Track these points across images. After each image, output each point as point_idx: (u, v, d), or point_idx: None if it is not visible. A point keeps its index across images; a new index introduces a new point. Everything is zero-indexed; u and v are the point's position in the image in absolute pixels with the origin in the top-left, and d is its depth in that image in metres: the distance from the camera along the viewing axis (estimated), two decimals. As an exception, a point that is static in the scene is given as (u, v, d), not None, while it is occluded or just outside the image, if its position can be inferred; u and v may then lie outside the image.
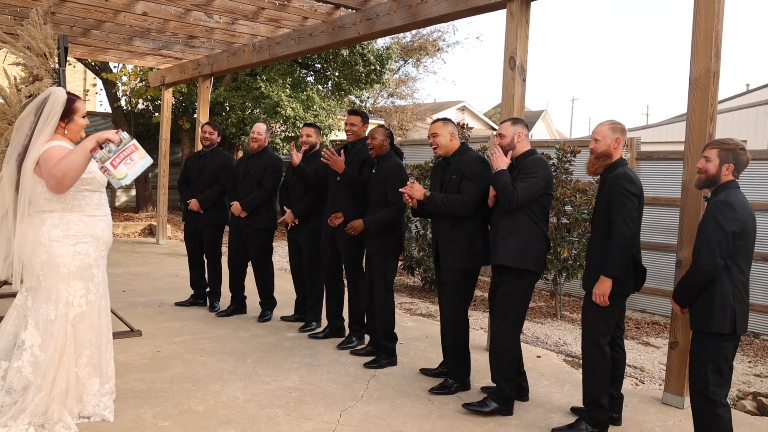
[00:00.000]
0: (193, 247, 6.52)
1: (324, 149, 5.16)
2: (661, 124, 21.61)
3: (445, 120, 4.50)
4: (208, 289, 6.57)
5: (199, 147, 10.26)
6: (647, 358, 5.73)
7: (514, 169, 4.00)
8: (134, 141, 3.56)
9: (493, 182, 4.02)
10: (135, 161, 3.52)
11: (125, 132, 3.54)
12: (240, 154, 14.26)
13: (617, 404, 3.97)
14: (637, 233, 3.64)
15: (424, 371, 4.75)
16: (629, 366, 5.42)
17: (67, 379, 3.42)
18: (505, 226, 3.96)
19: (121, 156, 3.47)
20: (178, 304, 6.50)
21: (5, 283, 6.56)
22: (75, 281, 3.46)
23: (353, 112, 5.39)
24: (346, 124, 5.37)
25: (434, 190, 4.44)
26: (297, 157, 5.45)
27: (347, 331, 5.49)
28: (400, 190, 4.40)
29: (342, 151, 5.32)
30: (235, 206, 5.92)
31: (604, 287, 3.61)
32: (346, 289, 5.50)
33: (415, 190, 4.29)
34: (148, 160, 3.60)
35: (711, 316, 3.23)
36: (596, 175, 3.85)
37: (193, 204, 6.27)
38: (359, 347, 5.25)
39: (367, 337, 5.31)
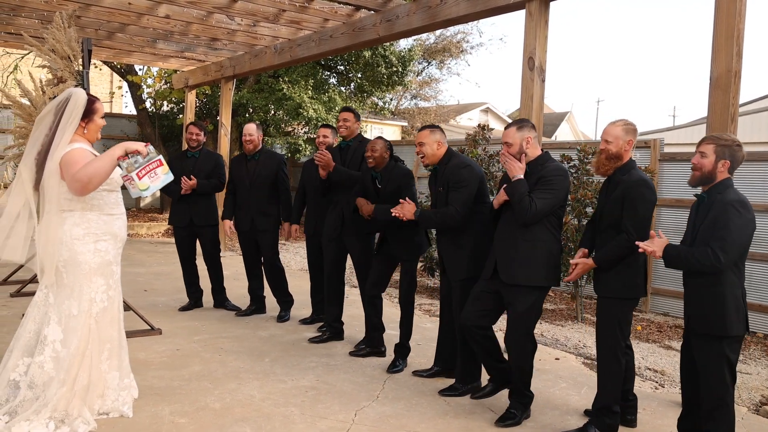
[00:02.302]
0: (189, 250, 6.45)
1: (317, 153, 5.22)
2: (688, 125, 21.28)
3: (432, 128, 4.39)
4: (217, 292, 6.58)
5: (224, 148, 10.42)
6: (668, 362, 5.65)
7: (530, 176, 3.86)
8: (160, 156, 3.67)
9: (509, 192, 3.83)
10: (158, 176, 3.64)
11: (152, 147, 3.65)
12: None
13: (632, 406, 3.93)
14: (645, 238, 3.57)
15: (417, 373, 4.73)
16: (649, 369, 5.36)
17: (89, 374, 3.51)
18: (524, 240, 3.81)
19: (147, 169, 3.59)
20: (181, 309, 6.42)
21: (29, 281, 6.71)
22: (96, 277, 3.55)
23: (346, 108, 5.50)
24: (338, 120, 5.48)
25: (431, 197, 4.47)
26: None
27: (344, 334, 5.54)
28: (391, 211, 4.35)
29: (338, 151, 5.43)
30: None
31: (586, 268, 3.70)
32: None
33: (406, 211, 4.28)
34: (170, 177, 3.71)
35: (727, 320, 3.18)
36: (605, 176, 3.77)
37: (192, 183, 6.12)
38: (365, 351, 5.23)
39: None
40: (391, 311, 6.56)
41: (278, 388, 4.28)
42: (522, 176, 3.82)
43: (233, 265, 9.15)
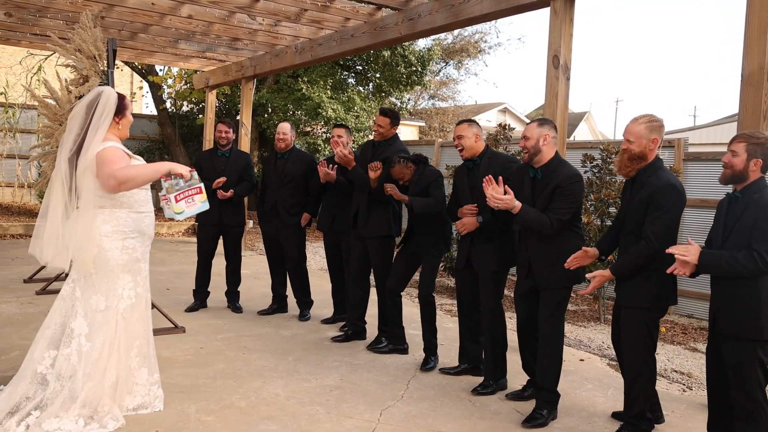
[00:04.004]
0: (210, 249, 6.40)
1: (337, 149, 5.18)
2: (710, 125, 21.04)
3: (470, 121, 4.48)
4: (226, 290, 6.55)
5: (245, 148, 10.44)
6: (694, 364, 5.58)
7: (545, 184, 3.84)
8: (201, 184, 3.77)
9: (523, 225, 3.88)
10: (195, 203, 3.74)
11: (196, 174, 3.75)
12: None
13: (655, 402, 3.87)
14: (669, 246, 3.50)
15: (444, 370, 4.74)
16: (676, 372, 5.29)
17: (118, 371, 3.53)
18: (551, 246, 3.85)
19: (186, 193, 3.69)
20: (188, 310, 6.33)
21: (54, 279, 6.78)
22: (124, 274, 3.58)
23: (384, 112, 5.29)
24: (374, 123, 5.34)
25: (463, 194, 4.44)
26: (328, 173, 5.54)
27: (367, 333, 5.55)
28: (457, 225, 4.39)
29: (371, 146, 5.38)
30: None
31: (603, 280, 3.60)
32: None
33: (469, 224, 4.30)
34: (206, 205, 3.80)
35: (762, 323, 3.11)
36: (628, 177, 3.64)
37: (228, 195, 6.11)
38: (387, 348, 5.26)
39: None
40: (410, 310, 6.54)
41: (303, 387, 4.28)
42: (519, 204, 3.80)
43: (254, 264, 9.19)
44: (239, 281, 6.53)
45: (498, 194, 3.82)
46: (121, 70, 17.06)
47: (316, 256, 10.63)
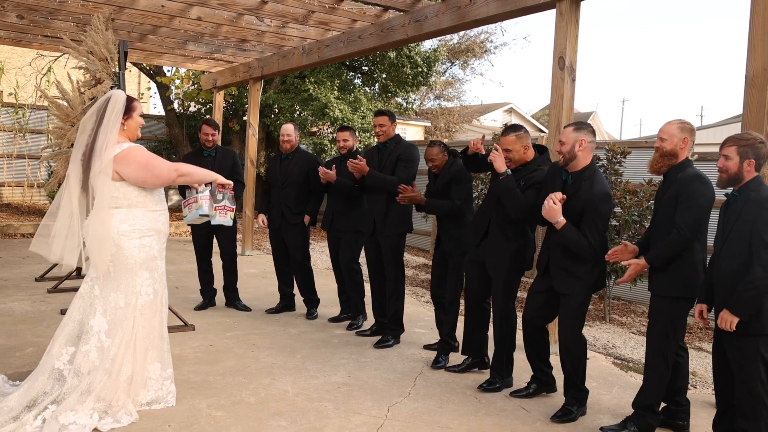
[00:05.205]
0: (206, 248, 6.45)
1: (350, 161, 5.25)
2: (717, 125, 20.99)
3: (517, 130, 4.26)
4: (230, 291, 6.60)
5: (252, 148, 10.53)
6: (700, 363, 5.62)
7: (576, 193, 3.83)
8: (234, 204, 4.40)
9: (558, 239, 3.86)
10: (225, 216, 4.24)
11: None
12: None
13: (684, 411, 3.89)
14: (700, 236, 3.54)
15: (450, 368, 4.80)
16: (680, 370, 5.33)
17: (133, 366, 3.61)
18: (574, 256, 3.87)
19: (229, 207, 4.22)
20: (197, 308, 6.39)
21: (65, 278, 6.87)
22: (142, 272, 3.67)
23: (380, 112, 5.42)
24: (374, 126, 5.44)
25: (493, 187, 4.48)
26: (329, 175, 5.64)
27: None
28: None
29: (376, 151, 5.46)
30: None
31: (639, 268, 3.64)
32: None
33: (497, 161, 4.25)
34: (230, 222, 4.28)
35: (763, 318, 3.17)
36: (659, 174, 3.73)
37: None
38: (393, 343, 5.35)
39: (401, 336, 5.46)
40: (418, 310, 6.60)
41: (311, 384, 4.34)
42: (564, 220, 3.80)
43: (260, 263, 9.27)
44: (236, 279, 6.57)
45: (557, 199, 3.79)
46: (129, 71, 17.19)
47: (322, 255, 10.69)
